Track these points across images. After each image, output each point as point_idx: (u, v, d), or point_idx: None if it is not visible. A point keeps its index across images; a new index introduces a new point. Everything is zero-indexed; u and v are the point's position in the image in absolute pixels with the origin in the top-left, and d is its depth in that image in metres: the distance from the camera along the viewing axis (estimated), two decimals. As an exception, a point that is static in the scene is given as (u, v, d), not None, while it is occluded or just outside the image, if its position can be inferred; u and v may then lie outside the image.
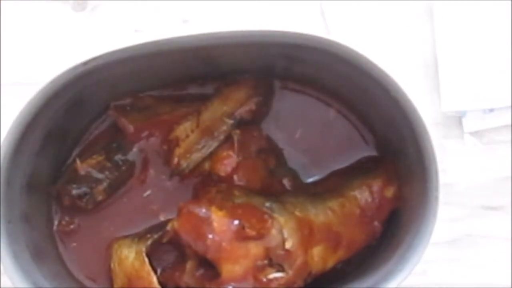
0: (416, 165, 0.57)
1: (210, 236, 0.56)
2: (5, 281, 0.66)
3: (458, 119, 0.70)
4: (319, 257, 0.59)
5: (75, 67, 0.56)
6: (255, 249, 0.57)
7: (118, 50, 0.57)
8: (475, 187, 0.70)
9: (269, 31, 0.57)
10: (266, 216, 0.57)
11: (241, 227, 0.56)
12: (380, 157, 0.66)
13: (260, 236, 0.56)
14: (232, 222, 0.56)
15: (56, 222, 0.65)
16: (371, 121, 0.65)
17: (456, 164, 0.70)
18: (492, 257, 0.70)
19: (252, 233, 0.56)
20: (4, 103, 0.71)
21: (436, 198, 0.55)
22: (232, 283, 0.57)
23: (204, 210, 0.57)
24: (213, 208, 0.57)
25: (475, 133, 0.70)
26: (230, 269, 0.57)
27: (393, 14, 0.71)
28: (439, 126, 0.70)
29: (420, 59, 0.71)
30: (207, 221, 0.56)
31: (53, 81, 0.56)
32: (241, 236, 0.56)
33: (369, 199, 0.62)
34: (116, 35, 0.73)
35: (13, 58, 0.72)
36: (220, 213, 0.56)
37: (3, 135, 0.59)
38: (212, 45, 0.58)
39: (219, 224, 0.56)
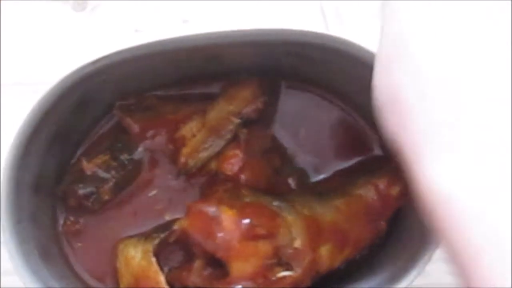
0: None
1: (220, 235, 0.56)
2: (6, 281, 0.66)
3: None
4: (327, 256, 0.59)
5: (84, 67, 0.56)
6: (264, 247, 0.57)
7: (125, 49, 0.57)
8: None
9: (274, 30, 0.57)
10: (275, 215, 0.57)
11: (251, 226, 0.56)
12: (385, 155, 0.66)
13: (270, 235, 0.57)
14: (242, 221, 0.56)
15: (61, 223, 0.65)
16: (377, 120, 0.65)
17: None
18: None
19: (263, 231, 0.56)
20: (4, 103, 0.71)
21: None
22: (242, 282, 0.57)
23: (213, 209, 0.57)
24: (223, 207, 0.57)
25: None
26: (240, 267, 0.56)
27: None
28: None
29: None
30: (216, 220, 0.56)
31: (62, 81, 0.56)
32: (251, 234, 0.56)
33: (375, 198, 0.62)
34: (116, 35, 0.73)
35: (13, 58, 0.72)
36: (230, 212, 0.56)
37: (3, 135, 0.59)
38: (218, 44, 0.58)
39: (229, 223, 0.56)
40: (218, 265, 0.58)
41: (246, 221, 0.56)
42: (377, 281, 0.60)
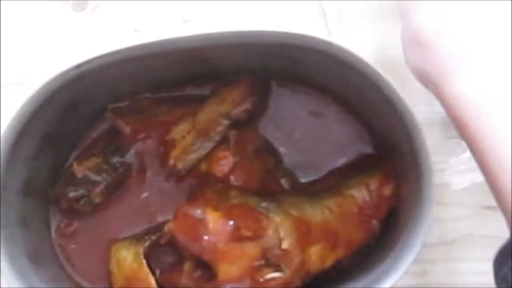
0: (410, 164, 0.57)
1: (206, 237, 0.56)
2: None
3: (457, 119, 0.69)
4: (317, 256, 0.59)
5: (68, 71, 0.56)
6: (251, 249, 0.56)
7: (113, 52, 0.56)
8: (475, 187, 0.70)
9: (267, 32, 0.57)
10: (262, 216, 0.57)
11: (237, 228, 0.56)
12: (378, 155, 0.66)
13: (256, 237, 0.56)
14: (228, 223, 0.56)
15: (54, 225, 0.65)
16: (368, 119, 0.65)
17: (456, 164, 0.70)
18: (492, 257, 0.70)
19: (248, 233, 0.56)
20: (4, 103, 0.71)
21: (431, 197, 0.54)
22: (229, 284, 0.57)
23: (199, 211, 0.57)
24: (209, 209, 0.57)
25: (474, 133, 0.69)
26: (227, 270, 0.56)
27: (392, 14, 0.71)
28: (438, 126, 0.70)
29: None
30: (202, 222, 0.56)
31: (45, 85, 0.56)
32: (236, 236, 0.56)
33: (367, 198, 0.62)
34: (116, 35, 0.73)
35: (13, 58, 0.72)
36: (216, 214, 0.56)
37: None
38: (210, 45, 0.58)
39: (215, 225, 0.56)
40: (208, 266, 0.58)
41: (232, 222, 0.56)
42: (367, 281, 0.59)
